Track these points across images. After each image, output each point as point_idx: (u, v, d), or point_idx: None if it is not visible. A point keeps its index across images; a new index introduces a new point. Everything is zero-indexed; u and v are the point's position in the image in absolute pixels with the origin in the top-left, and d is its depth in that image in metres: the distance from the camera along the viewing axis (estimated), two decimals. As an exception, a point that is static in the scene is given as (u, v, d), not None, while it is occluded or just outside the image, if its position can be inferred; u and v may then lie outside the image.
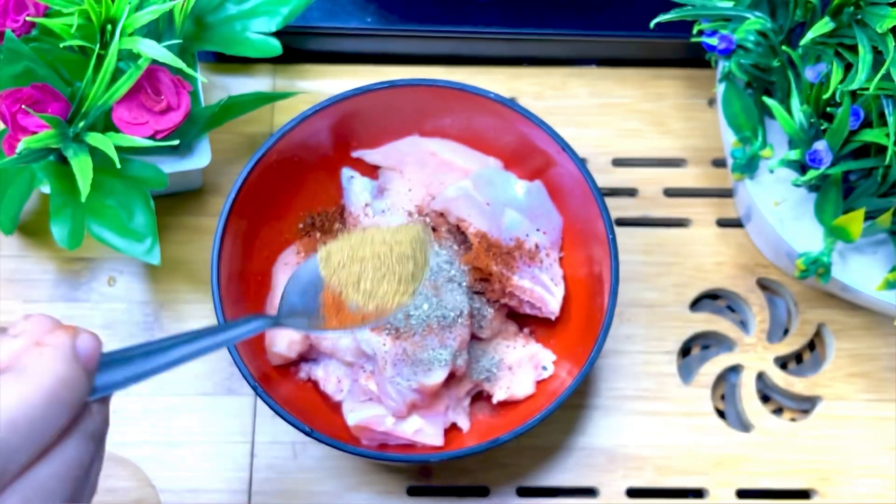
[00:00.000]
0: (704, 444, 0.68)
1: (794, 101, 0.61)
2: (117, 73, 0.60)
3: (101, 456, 0.44)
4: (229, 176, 0.72)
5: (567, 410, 0.68)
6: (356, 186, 0.66)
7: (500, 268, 0.62)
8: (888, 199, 0.61)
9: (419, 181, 0.66)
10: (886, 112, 0.58)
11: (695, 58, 0.75)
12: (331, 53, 0.77)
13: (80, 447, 0.41)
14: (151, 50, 0.59)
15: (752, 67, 0.64)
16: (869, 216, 0.63)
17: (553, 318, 0.64)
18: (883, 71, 0.57)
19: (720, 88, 0.65)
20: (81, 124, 0.60)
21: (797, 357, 0.72)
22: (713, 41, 0.64)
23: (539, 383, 0.64)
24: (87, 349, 0.42)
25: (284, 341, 0.62)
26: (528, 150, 0.65)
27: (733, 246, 0.72)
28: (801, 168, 0.63)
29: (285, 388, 0.62)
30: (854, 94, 0.60)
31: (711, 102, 0.76)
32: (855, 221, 0.60)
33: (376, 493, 0.66)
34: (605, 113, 0.76)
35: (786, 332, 0.72)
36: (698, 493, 0.68)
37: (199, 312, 0.69)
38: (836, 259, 0.64)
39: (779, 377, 0.69)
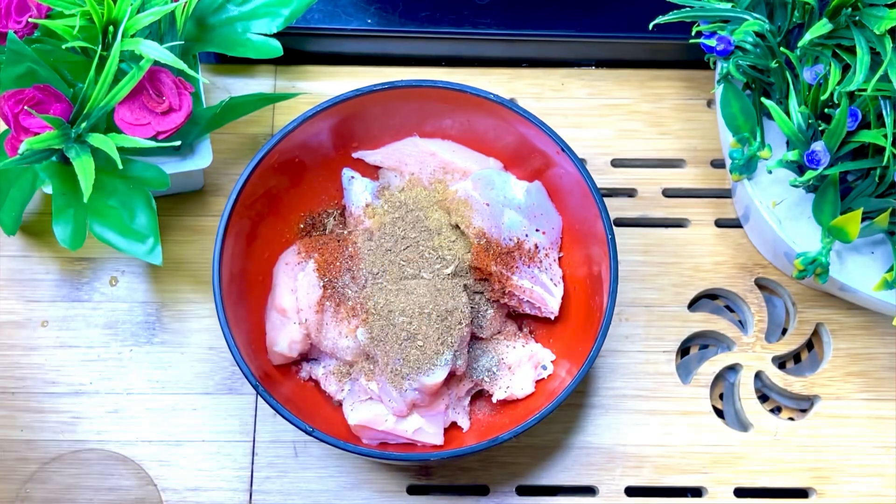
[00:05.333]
0: (703, 443, 0.68)
1: (793, 102, 0.61)
2: (119, 75, 0.61)
3: None
4: (231, 176, 0.73)
5: (566, 409, 0.68)
6: (356, 187, 0.66)
7: (500, 268, 0.62)
8: (886, 199, 0.62)
9: (419, 182, 0.66)
10: (884, 113, 0.58)
11: (693, 59, 0.76)
12: (331, 55, 0.77)
13: None
14: (153, 51, 0.59)
15: (751, 69, 0.65)
16: (867, 216, 0.63)
17: (552, 317, 0.64)
18: (881, 72, 0.57)
19: (719, 89, 0.66)
20: (84, 125, 0.60)
21: (795, 356, 0.73)
22: (712, 42, 0.64)
23: (538, 382, 0.64)
24: None
25: (286, 341, 0.63)
26: (528, 150, 0.65)
27: (732, 246, 0.72)
28: (800, 169, 0.63)
29: (286, 388, 0.63)
30: (852, 95, 0.60)
31: (710, 103, 0.76)
32: (853, 222, 0.60)
33: (377, 492, 0.66)
34: (604, 114, 0.76)
35: (784, 331, 0.72)
36: (697, 491, 0.68)
37: (200, 312, 0.69)
38: (834, 259, 0.64)
39: (777, 376, 0.70)
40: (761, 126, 0.66)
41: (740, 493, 0.67)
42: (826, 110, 0.61)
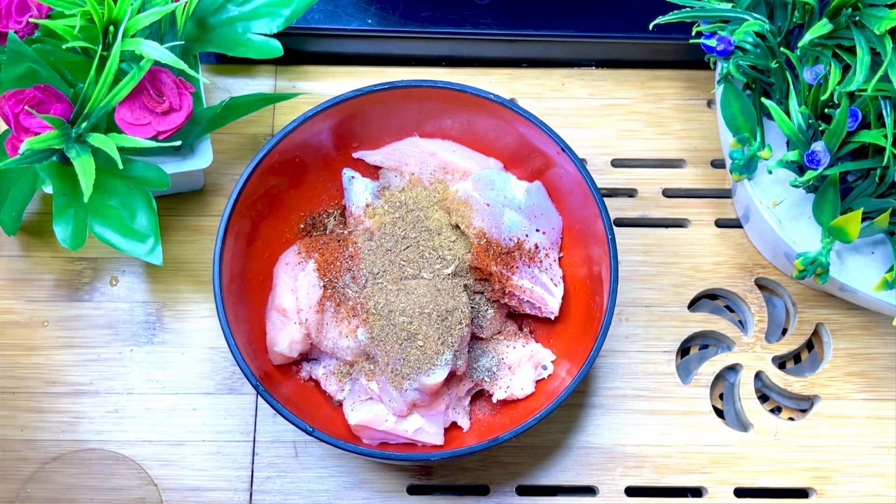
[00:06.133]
0: (703, 443, 0.68)
1: (793, 103, 0.62)
2: (120, 75, 0.61)
3: None
4: (231, 176, 0.73)
5: (566, 409, 0.68)
6: (357, 187, 0.66)
7: (500, 268, 0.62)
8: (886, 199, 0.62)
9: (419, 182, 0.66)
10: (884, 113, 0.58)
11: (694, 59, 0.76)
12: (332, 55, 0.77)
13: None
14: (154, 51, 0.59)
15: (751, 69, 0.65)
16: (867, 216, 0.63)
17: (553, 317, 0.64)
18: (881, 72, 0.57)
19: (719, 90, 0.66)
20: (84, 125, 0.60)
21: (795, 356, 0.73)
22: (712, 42, 0.64)
23: (539, 382, 0.64)
24: None
25: (286, 341, 0.63)
26: (528, 150, 0.65)
27: (732, 246, 0.72)
28: (800, 169, 0.63)
29: (287, 388, 0.63)
30: (852, 96, 0.60)
31: (710, 103, 0.76)
32: (853, 222, 0.60)
33: (377, 492, 0.66)
34: (604, 114, 0.76)
35: (784, 331, 0.72)
36: (697, 491, 0.68)
37: (200, 312, 0.69)
38: (834, 259, 0.64)
39: (777, 376, 0.70)
40: (761, 126, 0.66)
41: (740, 493, 0.67)
42: (826, 110, 0.61)
